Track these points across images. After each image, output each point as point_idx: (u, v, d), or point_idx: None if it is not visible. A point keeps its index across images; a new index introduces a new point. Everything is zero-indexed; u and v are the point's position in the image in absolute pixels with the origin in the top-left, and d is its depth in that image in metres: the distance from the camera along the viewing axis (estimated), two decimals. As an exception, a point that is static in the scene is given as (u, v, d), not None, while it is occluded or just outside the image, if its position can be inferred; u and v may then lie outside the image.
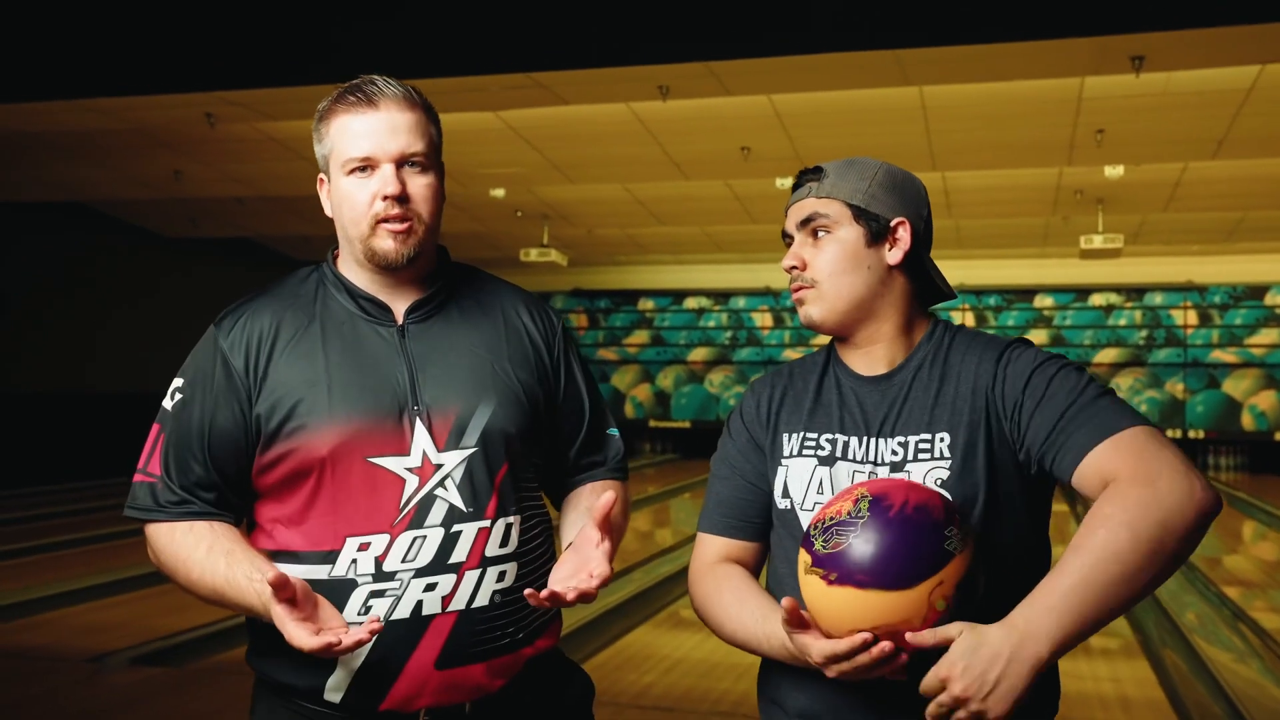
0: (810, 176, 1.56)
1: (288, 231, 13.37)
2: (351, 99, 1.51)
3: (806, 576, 1.31)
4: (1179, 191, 10.19)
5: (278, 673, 1.51)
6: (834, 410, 1.53)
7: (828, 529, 1.30)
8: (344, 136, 1.51)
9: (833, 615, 1.28)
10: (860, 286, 1.51)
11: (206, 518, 1.52)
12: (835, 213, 1.52)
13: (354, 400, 1.49)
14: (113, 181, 10.24)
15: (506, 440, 1.54)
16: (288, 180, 9.98)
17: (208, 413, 1.52)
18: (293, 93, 6.69)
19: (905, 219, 1.53)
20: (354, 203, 1.51)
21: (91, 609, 5.78)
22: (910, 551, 1.26)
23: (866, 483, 1.35)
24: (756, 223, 12.17)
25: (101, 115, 7.33)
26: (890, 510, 1.28)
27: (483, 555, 1.50)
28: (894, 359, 1.53)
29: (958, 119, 7.55)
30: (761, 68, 6.21)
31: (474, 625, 1.49)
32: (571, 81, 6.49)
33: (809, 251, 1.53)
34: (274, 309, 1.56)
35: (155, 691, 4.36)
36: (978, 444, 1.43)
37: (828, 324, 1.53)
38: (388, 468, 1.48)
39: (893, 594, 1.25)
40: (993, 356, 1.47)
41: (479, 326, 1.60)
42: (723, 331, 16.77)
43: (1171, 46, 5.69)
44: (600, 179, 9.96)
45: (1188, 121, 7.66)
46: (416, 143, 1.51)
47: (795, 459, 1.52)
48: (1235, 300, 15.08)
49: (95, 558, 7.29)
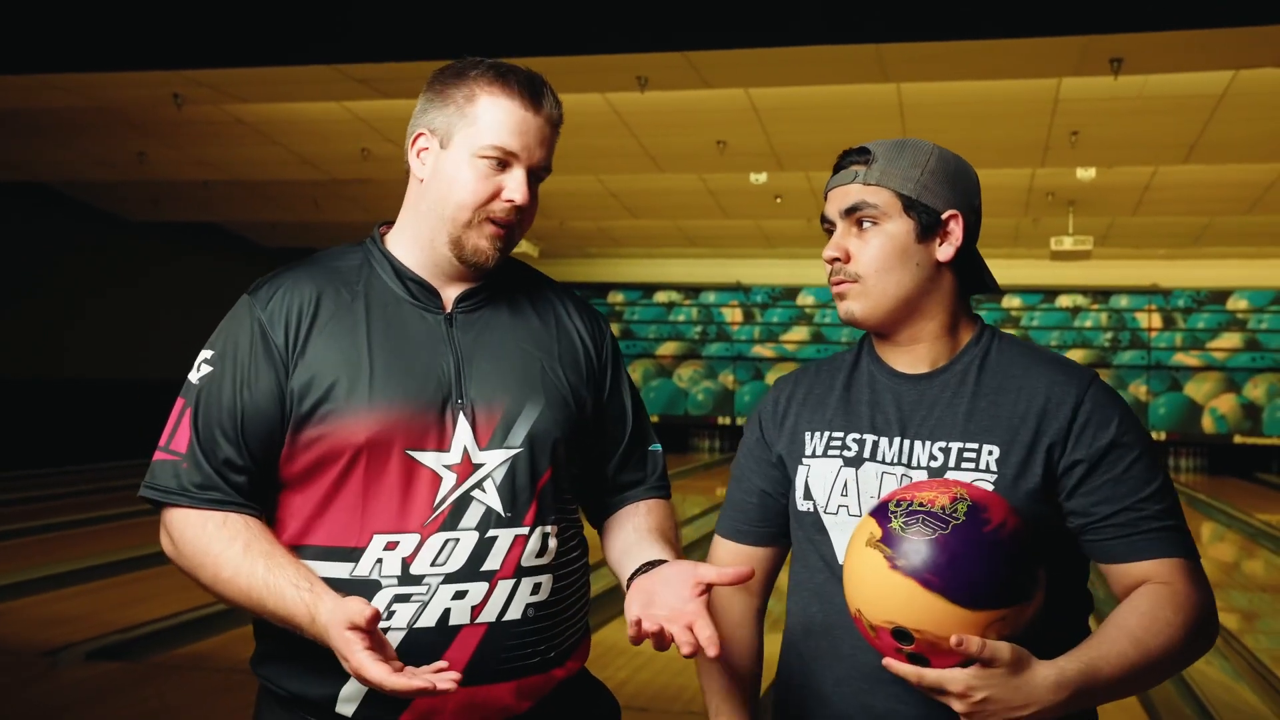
0: (856, 159, 1.43)
1: (256, 217, 13.18)
2: (518, 89, 1.42)
3: (868, 549, 1.22)
4: (1148, 195, 10.27)
5: (287, 681, 1.40)
6: (863, 409, 1.45)
7: (913, 512, 1.21)
8: (496, 120, 1.41)
9: (878, 598, 1.20)
10: (907, 283, 1.41)
11: (237, 509, 1.38)
12: (884, 202, 1.40)
13: (396, 387, 1.39)
14: (75, 162, 10.02)
15: (553, 444, 1.45)
16: (257, 165, 9.81)
17: (241, 387, 1.39)
18: (265, 74, 6.54)
19: (958, 212, 1.42)
20: (472, 189, 1.41)
21: (47, 600, 5.63)
22: (993, 575, 1.18)
23: (966, 484, 1.27)
24: (729, 218, 12.14)
25: (63, 93, 7.15)
26: (988, 525, 1.20)
27: (518, 565, 1.40)
28: (936, 359, 1.44)
29: (935, 117, 7.54)
30: (741, 60, 6.16)
31: (504, 640, 1.39)
32: (548, 69, 6.27)
33: (854, 243, 1.42)
34: (315, 281, 1.45)
35: (114, 687, 4.24)
36: (1032, 467, 1.35)
37: (870, 321, 1.43)
38: (425, 463, 1.38)
39: (954, 608, 1.17)
40: (1070, 390, 1.38)
41: (529, 323, 1.51)
42: (692, 326, 16.75)
43: (1150, 49, 5.70)
44: (574, 170, 9.88)
45: (1161, 126, 7.70)
46: (549, 160, 1.46)
47: (818, 459, 1.45)
48: (1199, 304, 15.27)
49: (51, 547, 7.12)
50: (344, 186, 10.87)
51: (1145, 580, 1.34)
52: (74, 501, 9.17)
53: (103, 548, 6.85)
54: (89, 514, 8.37)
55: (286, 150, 9.23)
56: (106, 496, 9.15)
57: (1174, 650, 1.30)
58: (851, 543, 1.26)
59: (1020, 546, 1.21)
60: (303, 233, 14.15)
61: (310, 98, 7.30)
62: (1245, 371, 15.05)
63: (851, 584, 1.24)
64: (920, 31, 5.52)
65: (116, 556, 6.43)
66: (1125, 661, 1.27)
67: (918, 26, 5.49)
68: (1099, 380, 1.41)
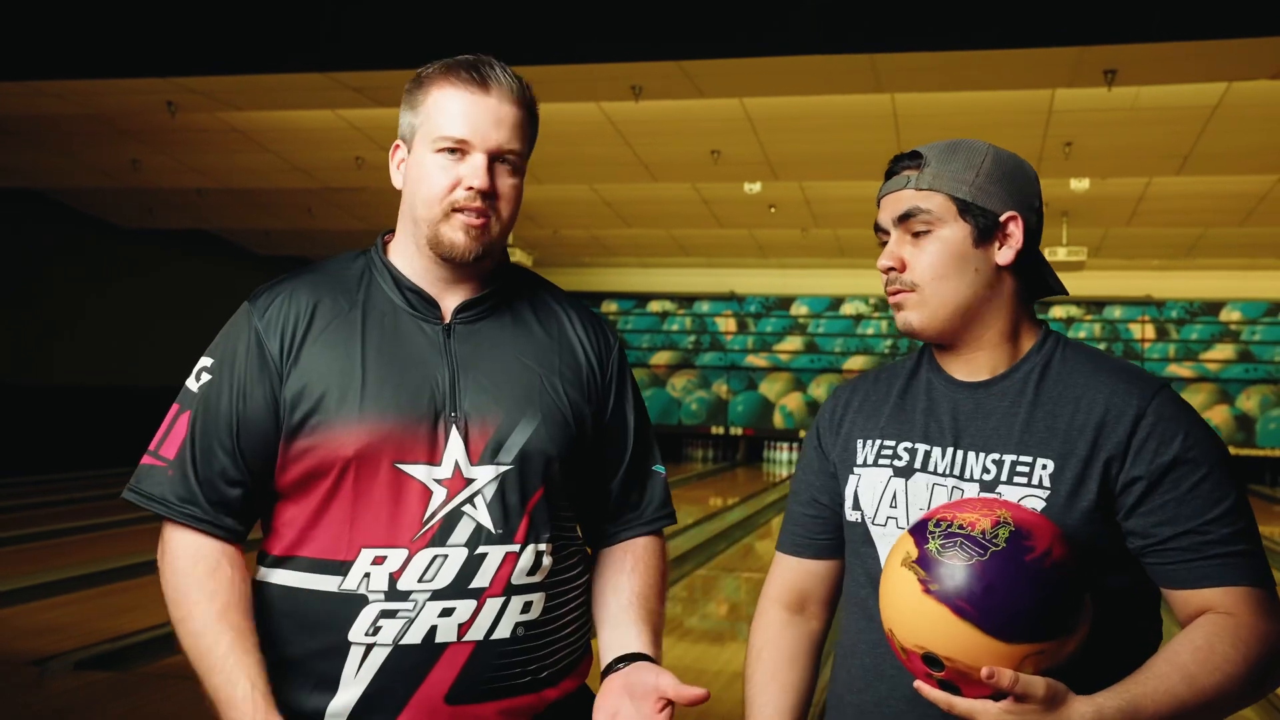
0: (908, 164, 1.38)
1: (249, 225, 13.16)
2: (463, 75, 1.40)
3: (902, 568, 1.17)
4: (1142, 206, 10.30)
5: (279, 693, 1.38)
6: (917, 417, 1.40)
7: (951, 535, 1.15)
8: (443, 111, 1.39)
9: (910, 621, 1.15)
10: (965, 291, 1.35)
11: (223, 536, 1.39)
12: (938, 208, 1.35)
13: (387, 399, 1.37)
14: (68, 169, 10.00)
15: (546, 461, 1.41)
16: (250, 173, 9.80)
17: (237, 397, 1.39)
18: (259, 81, 6.54)
19: (1016, 213, 1.35)
20: (434, 183, 1.39)
21: (34, 609, 5.58)
22: (1032, 607, 1.12)
23: (1010, 505, 1.20)
24: (723, 227, 12.15)
25: (56, 100, 7.13)
26: (1030, 554, 1.13)
27: (508, 583, 1.37)
28: (996, 366, 1.38)
29: (929, 128, 7.55)
30: (735, 69, 6.17)
31: (492, 659, 1.36)
32: (543, 78, 6.35)
33: (909, 251, 1.36)
34: (313, 289, 1.43)
35: (102, 697, 4.21)
36: (1088, 484, 1.28)
37: (929, 331, 1.37)
38: (415, 476, 1.36)
39: (987, 639, 1.12)
40: (1132, 401, 1.30)
41: (531, 336, 1.47)
42: (686, 336, 16.75)
43: (1144, 60, 5.72)
44: (568, 179, 9.88)
45: (1154, 137, 7.73)
46: (515, 141, 1.41)
47: (869, 468, 1.40)
48: (1192, 316, 15.31)
49: (39, 555, 7.07)
50: (338, 194, 10.86)
51: (1208, 609, 1.26)
52: (64, 510, 9.12)
53: (92, 556, 6.81)
54: (78, 522, 8.32)
55: (280, 158, 9.22)
56: (97, 504, 9.10)
57: (1232, 689, 1.22)
58: (889, 559, 1.22)
59: (1065, 577, 1.15)
60: (296, 240, 14.14)
61: (304, 105, 7.29)
62: (1238, 383, 15.08)
63: (885, 602, 1.20)
64: (914, 42, 5.53)
65: (106, 565, 6.40)
66: (1174, 700, 1.19)
67: (911, 37, 5.50)
68: (1168, 390, 1.33)
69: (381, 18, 5.93)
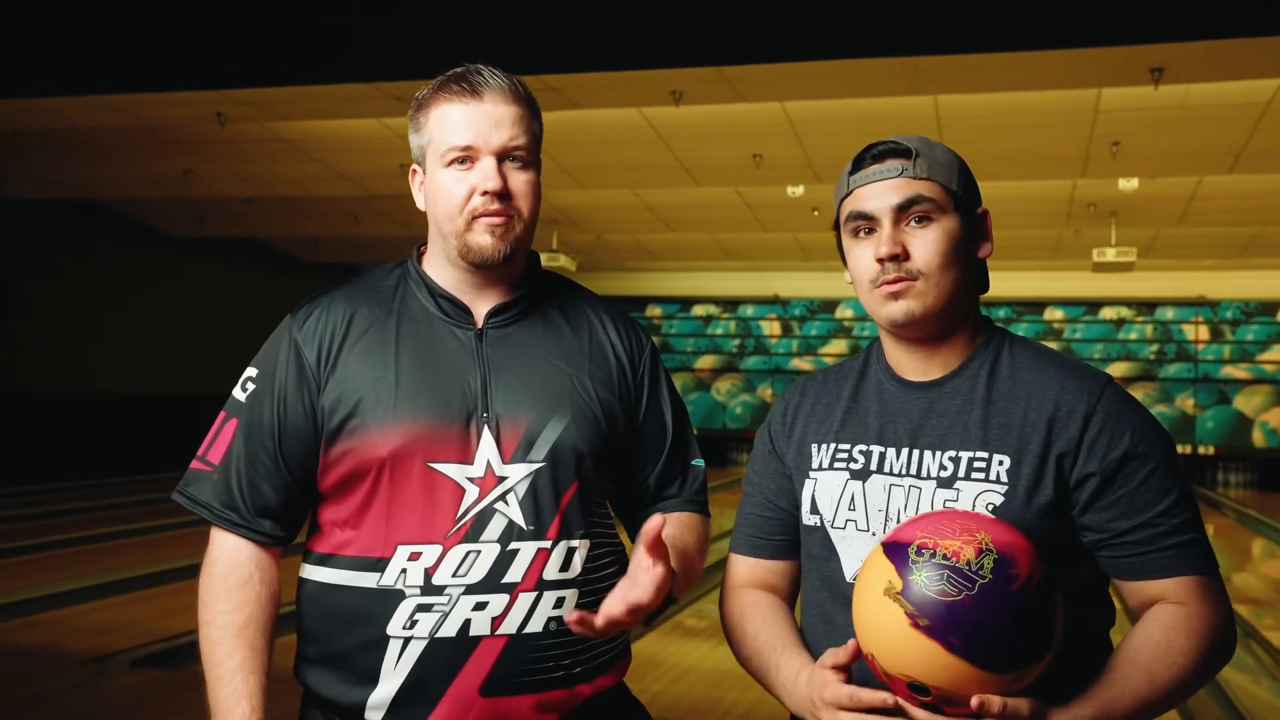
0: (897, 153, 1.37)
1: (297, 233, 13.36)
2: (455, 87, 1.45)
3: (885, 599, 1.16)
4: (1193, 205, 10.13)
5: (323, 687, 1.45)
6: (870, 419, 1.41)
7: (939, 566, 1.15)
8: (444, 126, 1.44)
9: (896, 651, 1.16)
10: (960, 282, 1.37)
11: (262, 540, 1.46)
12: (938, 196, 1.35)
13: (421, 401, 1.42)
14: (121, 180, 10.22)
15: (578, 459, 1.45)
16: (297, 181, 9.96)
17: (278, 404, 1.46)
18: (305, 92, 6.66)
19: (987, 209, 1.41)
20: (450, 195, 1.44)
21: (93, 609, 5.73)
22: (1021, 639, 1.14)
23: (990, 525, 1.21)
24: (767, 231, 12.13)
25: (112, 113, 7.31)
26: (1015, 581, 1.15)
27: (539, 578, 1.41)
28: (949, 363, 1.40)
29: (972, 129, 7.50)
30: (775, 74, 6.16)
31: (525, 652, 1.40)
32: (584, 85, 6.45)
33: (913, 239, 1.35)
34: (350, 301, 1.50)
35: (154, 695, 4.31)
36: (1044, 480, 1.30)
37: (927, 321, 1.36)
38: (448, 475, 1.41)
39: (977, 670, 1.13)
40: (1082, 398, 1.32)
41: (561, 338, 1.52)
42: (730, 340, 16.73)
43: (1191, 58, 5.64)
44: (611, 184, 9.93)
45: (1204, 135, 7.60)
46: (520, 136, 1.45)
47: (825, 472, 1.41)
48: (1247, 316, 15.01)
49: (96, 557, 7.24)
50: (383, 201, 11.00)
51: (1161, 598, 1.31)
52: (118, 513, 9.32)
53: (146, 558, 6.96)
54: (133, 525, 8.51)
55: (326, 166, 9.36)
56: (152, 508, 9.28)
57: (1188, 678, 1.28)
58: (865, 584, 1.21)
59: (1046, 598, 1.17)
60: (343, 248, 14.31)
61: (349, 115, 7.40)
62: (1295, 384, 14.77)
63: (867, 630, 1.20)
64: (955, 45, 5.49)
65: (160, 567, 6.53)
66: (1138, 698, 1.25)
67: (953, 40, 5.47)
68: (1113, 386, 1.35)
69: (425, 28, 6.01)
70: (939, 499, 1.33)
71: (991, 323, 1.45)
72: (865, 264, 1.37)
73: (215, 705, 1.42)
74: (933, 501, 1.33)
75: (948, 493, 1.32)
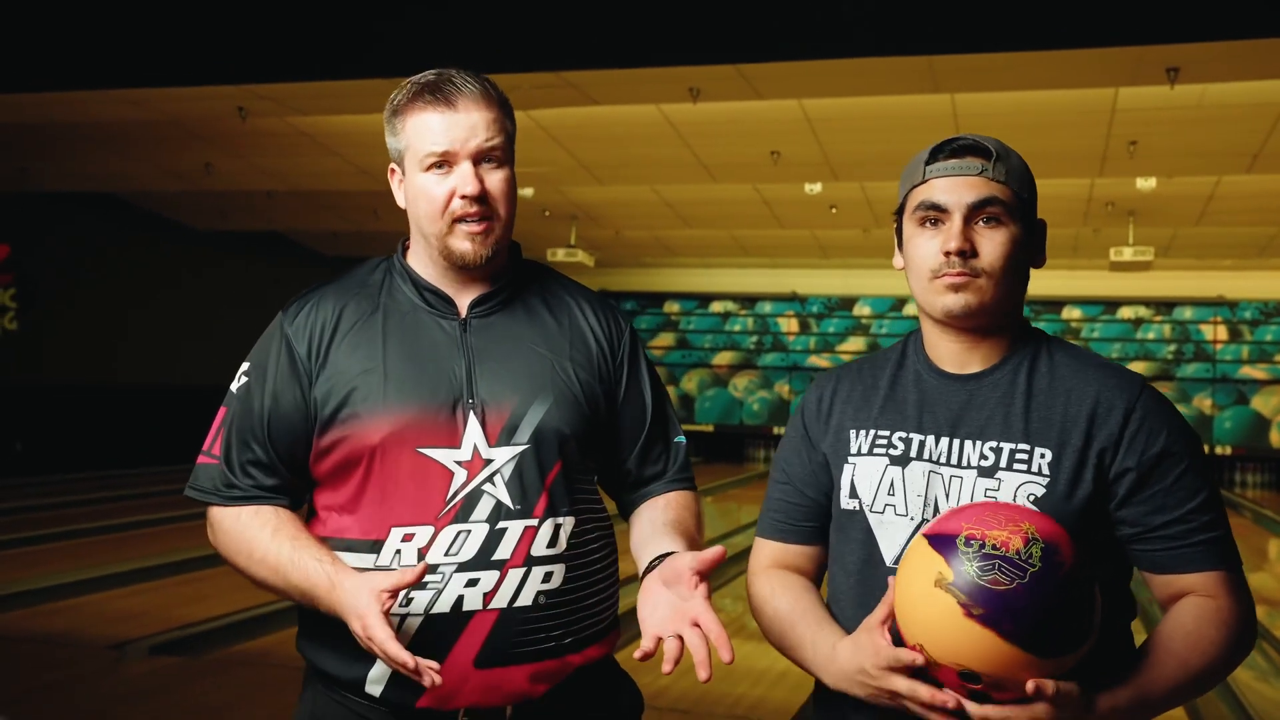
0: (977, 151, 1.38)
1: (318, 227, 13.44)
2: (428, 96, 1.49)
3: (936, 590, 1.18)
4: (1212, 205, 10.09)
5: (324, 662, 1.52)
6: (910, 407, 1.43)
7: (988, 556, 1.17)
8: (421, 132, 1.49)
9: (949, 641, 1.18)
10: (1017, 287, 1.40)
11: (267, 502, 1.53)
12: (1010, 201, 1.37)
13: (409, 390, 1.49)
14: (144, 173, 10.32)
15: (561, 440, 1.52)
16: (318, 175, 10.03)
17: (268, 397, 1.53)
18: (325, 87, 6.72)
19: (1044, 220, 1.43)
20: (430, 198, 1.50)
21: (113, 597, 5.82)
22: (1070, 623, 1.18)
23: (1031, 515, 1.23)
24: (784, 228, 12.13)
25: (134, 106, 7.39)
26: (1063, 568, 1.18)
27: (528, 554, 1.48)
28: (989, 358, 1.42)
29: (990, 128, 7.47)
30: (792, 71, 6.19)
31: (516, 625, 1.47)
32: (602, 82, 6.49)
33: (982, 238, 1.36)
34: (339, 297, 1.57)
35: (172, 681, 4.39)
36: (1084, 474, 1.34)
37: (980, 315, 1.38)
38: (437, 459, 1.47)
39: (1030, 657, 1.16)
40: (1121, 395, 1.37)
41: (542, 324, 1.58)
42: (748, 336, 16.74)
43: (1208, 58, 5.63)
44: (629, 180, 9.96)
45: (1222, 134, 7.57)
46: (495, 137, 1.50)
47: (864, 457, 1.43)
48: (1266, 316, 14.92)
49: (118, 546, 7.34)
50: (402, 197, 11.04)
51: (1189, 591, 1.36)
52: (139, 503, 9.43)
53: (166, 547, 7.05)
54: (153, 515, 8.61)
55: (346, 161, 9.43)
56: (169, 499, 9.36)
57: (1217, 667, 1.34)
58: (912, 577, 1.23)
59: (1088, 585, 1.21)
60: (361, 242, 14.38)
61: (368, 110, 7.44)
62: (1315, 385, 14.67)
63: (915, 621, 1.21)
64: (972, 44, 5.50)
65: (178, 556, 6.62)
66: (1173, 683, 1.31)
67: (969, 39, 5.48)
68: (1150, 387, 1.40)
69: (442, 23, 6.05)
70: (980, 488, 1.36)
71: (1029, 324, 1.48)
72: (929, 253, 1.38)
73: (301, 590, 1.44)
74: (974, 490, 1.36)
75: (989, 482, 1.36)
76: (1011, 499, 1.34)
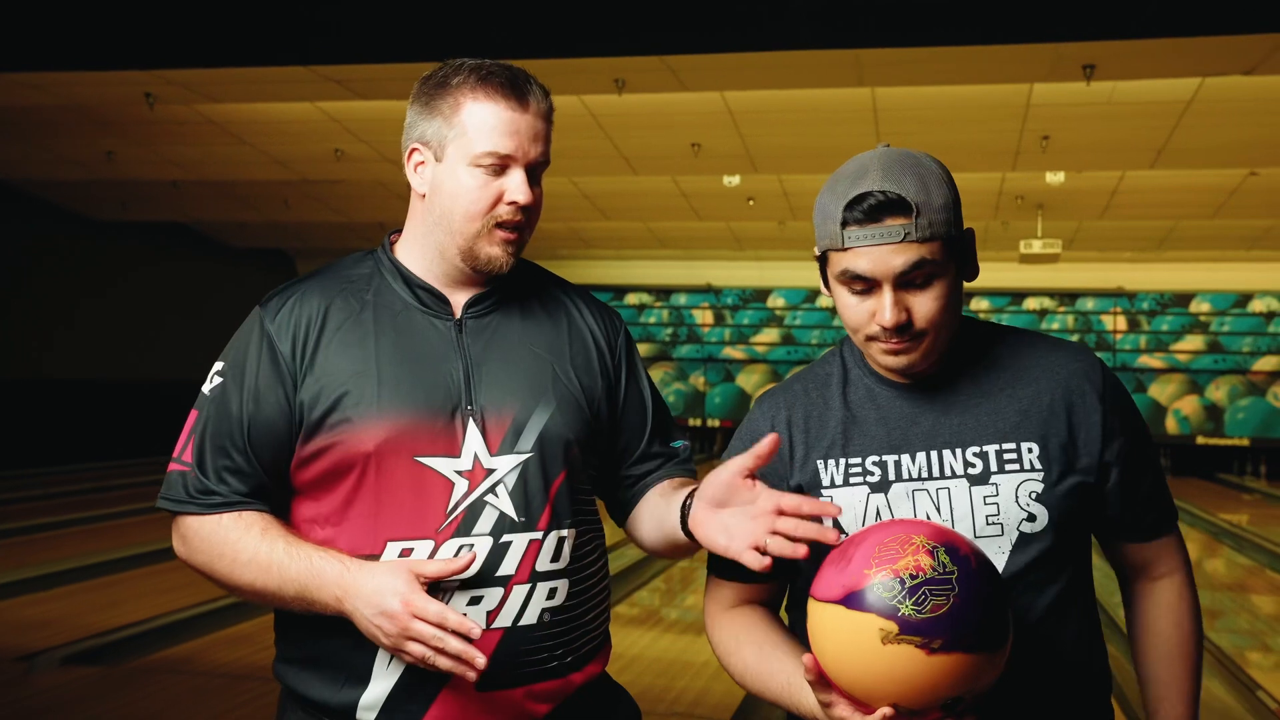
0: (897, 209, 1.25)
1: (225, 218, 13.05)
2: (502, 89, 1.41)
3: (889, 646, 1.11)
4: (1115, 199, 10.41)
5: (307, 688, 1.41)
6: (873, 426, 1.36)
7: (915, 588, 1.11)
8: (485, 126, 1.40)
9: (922, 687, 1.12)
10: (956, 320, 1.34)
11: (249, 507, 1.41)
12: (939, 255, 1.27)
13: (404, 395, 1.40)
14: (40, 161, 9.88)
15: (565, 446, 1.44)
16: (227, 165, 9.73)
17: (249, 399, 1.42)
18: (238, 74, 6.51)
19: (971, 228, 1.36)
20: (476, 199, 1.41)
21: (23, 603, 5.55)
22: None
23: (905, 526, 1.18)
24: (701, 220, 12.18)
25: (34, 90, 7.06)
26: (971, 561, 1.14)
27: (533, 570, 1.40)
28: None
29: (908, 121, 7.61)
30: (719, 64, 6.19)
31: (520, 645, 1.39)
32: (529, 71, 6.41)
33: (915, 300, 1.28)
34: (324, 292, 1.46)
35: (90, 693, 4.20)
36: (1074, 461, 1.33)
37: (928, 370, 1.36)
38: (436, 469, 1.39)
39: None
40: (1088, 377, 1.36)
41: (540, 326, 1.50)
42: (663, 328, 16.77)
43: (1123, 56, 5.79)
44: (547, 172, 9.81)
45: (1130, 130, 7.81)
46: (547, 152, 1.45)
47: (841, 489, 1.35)
48: (1162, 307, 15.48)
49: (27, 550, 7.01)
50: (315, 186, 10.79)
51: (1151, 560, 1.42)
52: (50, 504, 9.03)
53: (80, 550, 6.77)
54: (65, 516, 8.25)
55: (258, 150, 9.16)
56: (83, 499, 9.04)
57: (1200, 635, 1.45)
58: (849, 646, 1.13)
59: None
60: (272, 233, 14.03)
61: (283, 98, 7.25)
62: (1207, 374, 15.28)
63: (879, 686, 1.13)
64: (897, 37, 5.57)
65: (93, 559, 6.37)
66: (1195, 681, 1.42)
67: (895, 31, 5.54)
68: (1101, 360, 1.42)
69: (363, 11, 5.91)
70: (976, 496, 1.32)
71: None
72: (861, 317, 1.30)
73: (298, 586, 1.34)
74: (970, 499, 1.32)
75: (985, 489, 1.31)
76: (1013, 500, 1.31)
